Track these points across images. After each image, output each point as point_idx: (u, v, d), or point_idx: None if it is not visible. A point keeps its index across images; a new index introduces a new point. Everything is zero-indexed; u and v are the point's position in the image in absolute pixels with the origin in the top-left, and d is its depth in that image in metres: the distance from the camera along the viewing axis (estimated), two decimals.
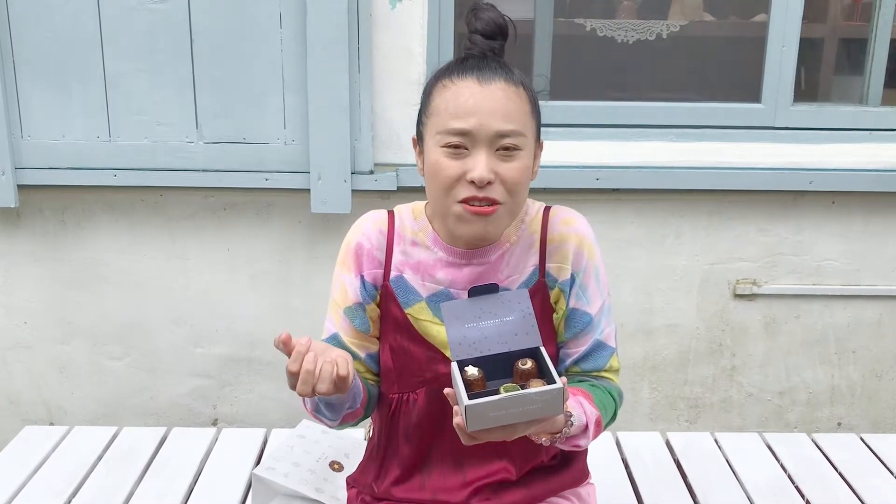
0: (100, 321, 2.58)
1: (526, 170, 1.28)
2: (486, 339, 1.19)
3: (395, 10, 2.35)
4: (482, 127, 1.24)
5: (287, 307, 2.57)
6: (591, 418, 1.28)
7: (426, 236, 1.39)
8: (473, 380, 1.15)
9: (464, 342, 1.19)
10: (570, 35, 2.73)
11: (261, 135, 2.38)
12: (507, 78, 1.27)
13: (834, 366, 2.66)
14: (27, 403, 2.67)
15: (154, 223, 2.50)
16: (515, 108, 1.26)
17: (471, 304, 1.23)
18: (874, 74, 2.57)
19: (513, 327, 1.20)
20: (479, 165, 1.24)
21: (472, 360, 1.17)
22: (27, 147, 2.38)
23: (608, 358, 1.41)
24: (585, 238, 1.38)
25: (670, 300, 2.59)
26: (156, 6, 2.29)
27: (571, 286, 1.38)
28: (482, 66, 1.27)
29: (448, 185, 1.26)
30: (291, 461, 1.90)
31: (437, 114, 1.28)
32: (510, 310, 1.22)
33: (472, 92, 1.25)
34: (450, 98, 1.26)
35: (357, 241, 1.40)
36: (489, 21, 1.31)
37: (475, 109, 1.24)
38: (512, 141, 1.25)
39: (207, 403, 2.67)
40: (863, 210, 2.53)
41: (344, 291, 1.41)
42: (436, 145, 1.27)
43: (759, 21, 2.71)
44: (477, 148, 1.25)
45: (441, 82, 1.29)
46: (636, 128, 2.51)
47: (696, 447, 2.18)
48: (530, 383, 1.14)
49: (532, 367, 1.17)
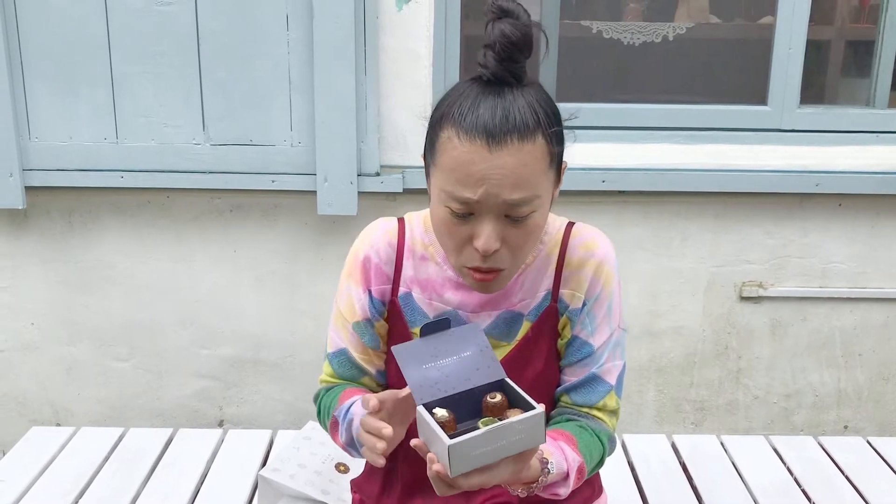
0: (106, 322, 2.59)
1: (537, 228, 1.18)
2: (448, 378, 1.12)
3: (401, 12, 2.36)
4: (490, 196, 1.12)
5: (293, 309, 2.58)
6: (572, 466, 1.22)
7: (436, 251, 1.32)
8: (444, 422, 1.07)
9: (426, 383, 1.11)
10: (576, 37, 2.73)
11: (267, 137, 2.38)
12: (521, 132, 1.10)
13: (840, 368, 2.66)
14: (34, 404, 2.67)
15: (160, 225, 2.50)
16: (529, 171, 1.12)
17: (424, 344, 1.16)
18: (881, 77, 2.57)
19: (473, 363, 1.14)
20: (483, 234, 1.14)
21: (437, 401, 1.10)
22: (35, 149, 2.39)
23: (603, 395, 1.31)
24: (605, 264, 1.29)
25: (676, 302, 2.59)
26: (162, 8, 2.30)
27: (580, 313, 1.30)
28: (494, 112, 1.10)
29: (453, 246, 1.19)
30: (297, 463, 1.90)
31: (443, 173, 1.15)
32: (466, 345, 1.15)
33: (480, 158, 1.10)
34: (456, 163, 1.12)
35: (366, 253, 1.33)
36: (503, 37, 1.09)
37: (483, 178, 1.11)
38: (523, 209, 1.14)
39: (213, 405, 2.68)
40: (869, 212, 2.52)
41: (351, 306, 1.34)
42: (440, 201, 1.17)
43: (766, 23, 2.71)
44: (483, 215, 1.14)
45: (447, 132, 1.13)
46: (642, 130, 2.51)
47: (702, 450, 2.18)
48: (506, 415, 1.08)
49: (502, 399, 1.11)
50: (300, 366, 2.62)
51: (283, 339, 2.60)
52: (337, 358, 1.37)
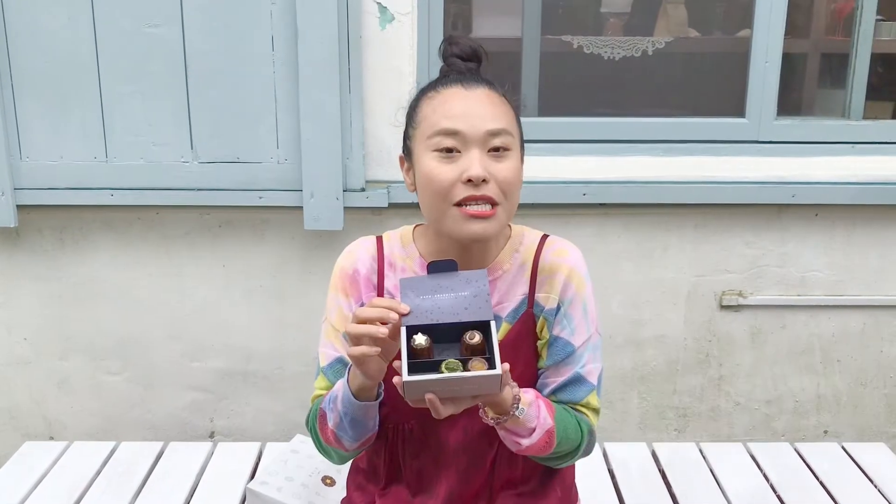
0: (98, 337, 2.63)
1: (518, 170, 1.31)
2: (439, 310, 1.20)
3: (384, 31, 2.40)
4: (472, 127, 1.26)
5: (282, 321, 2.62)
6: (542, 424, 1.28)
7: (414, 262, 1.40)
8: (420, 348, 1.17)
9: (416, 310, 1.20)
10: (557, 52, 2.78)
11: (254, 154, 2.43)
12: (490, 86, 1.32)
13: (819, 375, 2.71)
14: (27, 418, 2.71)
15: (150, 241, 2.55)
16: (501, 110, 1.30)
17: (429, 280, 1.25)
18: (856, 88, 2.62)
19: (466, 301, 1.21)
20: (474, 163, 1.25)
21: (423, 327, 1.19)
22: (26, 168, 2.43)
23: (586, 393, 1.39)
24: (576, 270, 1.38)
25: (658, 312, 2.64)
26: (151, 30, 2.34)
27: (556, 314, 1.38)
28: (465, 77, 1.32)
29: (444, 190, 1.27)
30: (285, 476, 1.95)
31: (426, 121, 1.30)
32: (466, 286, 1.23)
33: (459, 96, 1.29)
34: (437, 105, 1.29)
35: (354, 267, 1.41)
36: (465, 46, 1.37)
37: (464, 112, 1.27)
38: (502, 141, 1.28)
39: (204, 417, 2.72)
40: (845, 222, 2.57)
41: (343, 316, 1.40)
42: (426, 151, 1.29)
43: (743, 37, 2.75)
44: (469, 148, 1.26)
45: (426, 95, 1.33)
46: (623, 143, 2.56)
47: (682, 457, 2.23)
48: (473, 362, 1.16)
49: (480, 341, 1.18)
50: (289, 377, 2.67)
51: (272, 352, 2.65)
52: (332, 368, 1.41)
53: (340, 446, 1.35)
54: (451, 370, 1.15)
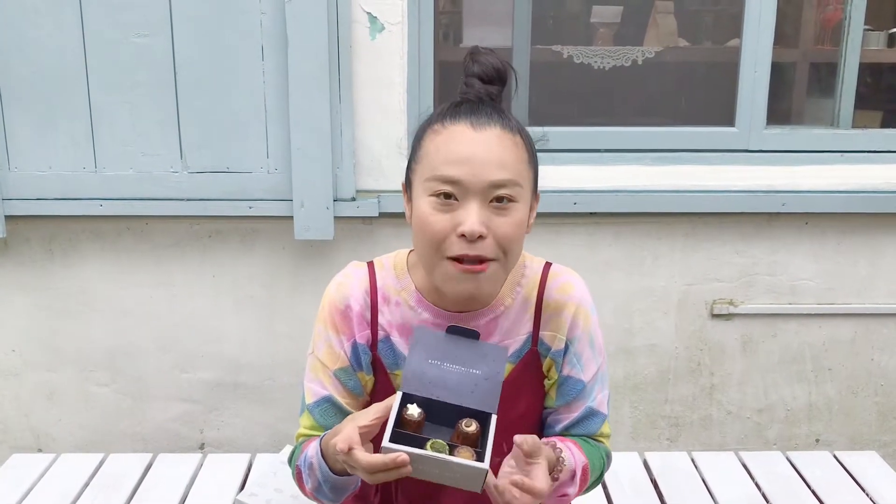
0: (87, 348, 2.61)
1: (521, 224, 1.19)
2: (443, 384, 1.11)
3: (374, 41, 2.40)
4: (475, 177, 1.14)
5: (272, 332, 2.61)
6: (578, 464, 1.25)
7: (409, 296, 1.31)
8: (412, 420, 1.09)
9: (419, 377, 1.11)
10: (547, 62, 2.78)
11: (244, 164, 2.42)
12: (503, 124, 1.19)
13: (811, 383, 2.71)
14: (15, 431, 2.69)
15: (140, 251, 2.54)
16: (511, 156, 1.17)
17: (444, 341, 1.15)
18: (844, 97, 2.63)
19: (475, 383, 1.12)
20: (469, 218, 1.14)
21: (420, 398, 1.11)
22: (14, 178, 2.42)
23: (600, 424, 1.36)
24: (582, 305, 1.32)
25: (649, 320, 2.64)
26: (140, 40, 2.34)
27: (565, 354, 1.32)
28: (477, 111, 1.19)
29: (436, 241, 1.17)
30: (274, 487, 1.93)
31: (427, 159, 1.19)
32: (481, 363, 1.13)
33: (465, 138, 1.16)
34: (441, 143, 1.18)
35: (346, 302, 1.31)
36: (487, 65, 1.23)
37: (468, 157, 1.15)
38: (507, 192, 1.16)
39: (194, 428, 2.70)
40: (835, 231, 2.58)
41: (332, 353, 1.32)
42: (424, 193, 1.18)
43: (733, 46, 2.77)
44: (468, 199, 1.15)
45: (432, 127, 1.21)
46: (613, 152, 2.57)
47: (673, 466, 2.22)
48: (460, 449, 1.08)
49: (475, 431, 1.09)
50: (280, 388, 2.65)
51: (262, 362, 2.64)
52: (319, 407, 1.33)
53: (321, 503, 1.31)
54: (436, 451, 1.06)
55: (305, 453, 1.28)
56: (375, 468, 1.05)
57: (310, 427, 1.34)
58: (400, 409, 1.09)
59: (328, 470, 1.21)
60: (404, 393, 1.10)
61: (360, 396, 1.35)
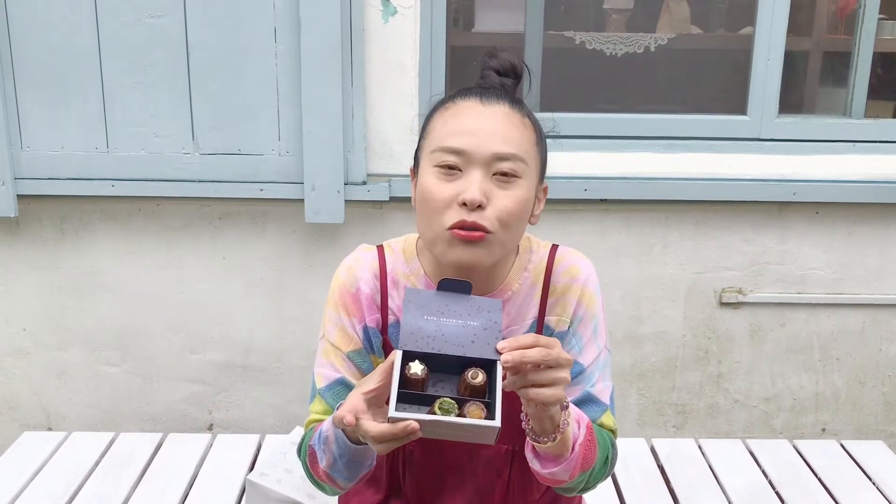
0: (97, 328, 2.63)
1: (523, 201, 1.18)
2: (442, 337, 1.09)
3: (387, 24, 2.40)
4: (479, 147, 1.15)
5: (281, 315, 2.62)
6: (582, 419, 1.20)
7: (418, 280, 1.30)
8: (415, 378, 1.07)
9: (417, 333, 1.09)
10: (559, 48, 2.77)
11: (256, 146, 2.43)
12: (513, 105, 1.20)
13: (818, 373, 2.71)
14: (26, 409, 2.71)
15: (151, 232, 2.54)
16: (518, 133, 1.18)
17: (437, 298, 1.13)
18: (857, 87, 2.62)
19: (474, 333, 1.10)
20: (471, 186, 1.14)
21: (421, 354, 1.08)
22: (26, 158, 2.43)
23: (600, 413, 1.30)
24: (587, 288, 1.30)
25: (658, 308, 2.64)
26: (153, 20, 2.34)
27: (567, 335, 1.31)
28: (487, 91, 1.21)
29: (438, 209, 1.17)
30: (284, 467, 1.95)
31: (434, 132, 1.21)
32: (477, 315, 1.11)
33: (472, 111, 1.18)
34: (449, 116, 1.19)
35: (356, 285, 1.30)
36: (504, 60, 1.26)
37: (474, 128, 1.16)
38: (510, 166, 1.16)
39: (203, 409, 2.72)
40: (846, 220, 2.58)
41: (345, 335, 1.30)
42: (429, 165, 1.19)
43: (746, 34, 2.75)
44: (471, 169, 1.15)
45: (442, 105, 1.23)
46: (624, 139, 2.56)
47: (681, 454, 2.23)
48: (470, 406, 1.06)
49: (482, 382, 1.07)
50: (288, 371, 2.67)
51: (271, 345, 2.65)
52: (331, 390, 1.31)
53: (334, 484, 1.27)
54: (445, 411, 1.05)
55: (320, 430, 1.26)
56: (384, 437, 1.04)
57: (322, 412, 1.32)
58: (402, 368, 1.07)
59: (346, 440, 1.18)
60: (405, 351, 1.08)
61: None
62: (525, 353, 1.04)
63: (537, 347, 1.05)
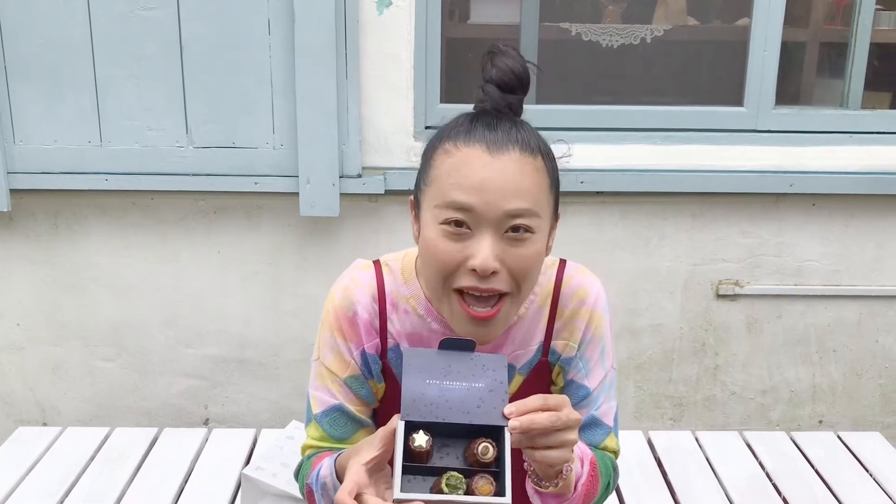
0: (92, 323, 2.62)
1: (539, 255, 1.11)
2: (446, 404, 1.02)
3: (382, 16, 2.39)
4: (489, 205, 1.05)
5: (277, 309, 2.61)
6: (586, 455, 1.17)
7: (418, 304, 1.23)
8: (420, 451, 1.00)
9: (419, 400, 1.02)
10: (555, 40, 2.76)
11: (250, 139, 2.41)
12: (523, 146, 1.08)
13: (815, 365, 2.71)
14: (20, 404, 2.70)
15: (145, 226, 2.53)
16: (531, 183, 1.08)
17: (438, 358, 1.06)
18: (854, 78, 2.61)
19: (480, 397, 1.03)
20: (482, 251, 1.06)
21: (424, 424, 1.02)
22: (19, 152, 2.41)
23: (603, 436, 1.27)
24: (596, 311, 1.25)
25: (654, 300, 2.64)
26: (146, 13, 2.32)
27: (574, 360, 1.26)
28: (494, 129, 1.09)
29: (446, 272, 1.09)
30: (280, 461, 1.94)
31: (438, 183, 1.09)
32: (482, 375, 1.05)
33: (480, 163, 1.07)
34: (453, 167, 1.08)
35: (353, 309, 1.23)
36: (507, 71, 1.12)
37: (482, 184, 1.06)
38: (524, 222, 1.07)
39: (199, 404, 2.71)
40: (843, 212, 2.57)
41: (342, 360, 1.24)
42: (433, 221, 1.09)
43: (742, 25, 2.75)
44: (481, 230, 1.07)
45: (444, 145, 1.11)
46: (620, 131, 2.55)
47: (678, 446, 2.23)
48: (478, 481, 1.00)
49: (492, 457, 1.00)
50: (284, 365, 2.66)
51: (267, 339, 2.64)
52: (328, 416, 1.25)
53: None
54: (453, 487, 0.99)
55: (317, 472, 1.20)
56: None
57: (318, 438, 1.26)
58: (405, 439, 1.00)
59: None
60: (407, 421, 1.01)
61: (371, 404, 1.28)
62: (534, 419, 0.99)
63: (546, 412, 1.00)
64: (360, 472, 1.03)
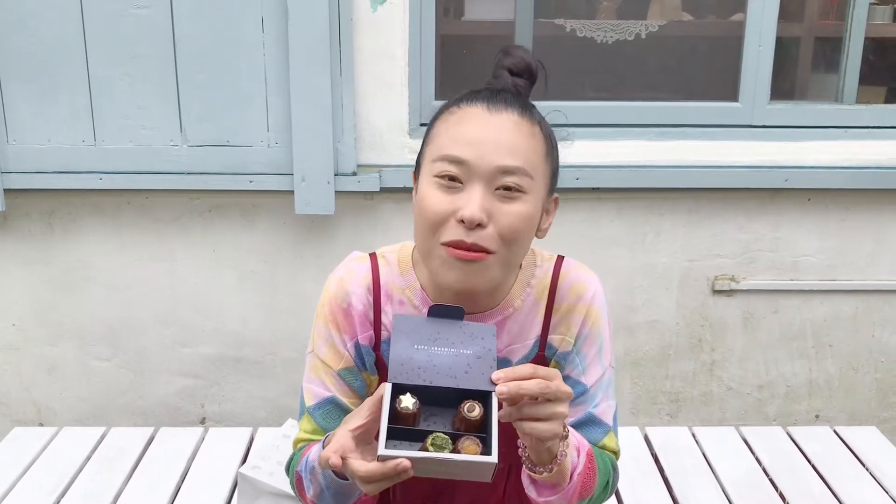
0: (88, 322, 2.61)
1: (528, 217, 1.10)
2: (434, 368, 1.02)
3: (376, 13, 2.38)
4: (482, 159, 1.07)
5: (273, 307, 2.60)
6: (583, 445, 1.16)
7: (413, 295, 1.23)
8: (406, 413, 1.00)
9: (407, 364, 1.02)
10: (550, 36, 2.75)
11: (245, 138, 2.41)
12: (523, 112, 1.12)
13: (811, 359, 2.71)
14: (16, 404, 2.69)
15: (140, 225, 2.52)
16: (526, 144, 1.10)
17: (427, 324, 1.06)
18: (849, 73, 2.61)
19: (467, 362, 1.03)
20: (471, 203, 1.06)
21: (412, 386, 1.01)
22: (13, 152, 2.40)
23: (602, 435, 1.26)
24: (593, 306, 1.25)
25: (651, 297, 2.64)
26: (139, 11, 2.31)
27: (570, 354, 1.25)
28: (496, 96, 1.13)
29: (434, 223, 1.09)
30: (277, 460, 1.93)
31: (436, 139, 1.13)
32: (471, 342, 1.05)
33: (478, 119, 1.10)
34: (452, 124, 1.11)
35: (348, 300, 1.23)
36: (519, 59, 1.18)
37: (478, 138, 1.08)
38: (515, 180, 1.08)
39: (195, 403, 2.71)
40: (838, 207, 2.57)
41: (335, 352, 1.24)
42: (429, 174, 1.11)
43: (737, 20, 2.74)
44: (473, 183, 1.08)
45: (448, 109, 1.15)
46: (616, 127, 2.55)
47: (675, 442, 2.23)
48: (464, 441, 0.99)
49: (479, 416, 1.00)
50: (281, 363, 2.65)
51: (263, 337, 2.63)
52: (321, 409, 1.25)
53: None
54: (438, 447, 0.98)
55: (307, 457, 1.21)
56: (373, 477, 0.98)
57: (311, 431, 1.26)
58: (392, 401, 1.00)
59: (332, 474, 1.13)
60: (395, 384, 1.01)
61: (364, 396, 1.26)
62: (522, 385, 0.99)
63: (536, 379, 1.00)
64: (346, 437, 1.03)
